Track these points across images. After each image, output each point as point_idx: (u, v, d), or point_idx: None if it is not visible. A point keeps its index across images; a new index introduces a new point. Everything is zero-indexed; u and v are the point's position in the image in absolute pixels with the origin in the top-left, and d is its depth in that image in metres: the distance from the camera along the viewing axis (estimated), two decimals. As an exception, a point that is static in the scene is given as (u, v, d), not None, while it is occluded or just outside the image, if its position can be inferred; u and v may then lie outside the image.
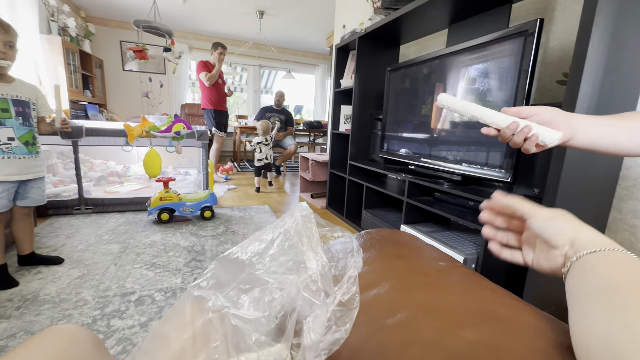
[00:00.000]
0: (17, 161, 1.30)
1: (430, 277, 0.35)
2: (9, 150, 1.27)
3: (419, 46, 2.12)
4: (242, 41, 5.46)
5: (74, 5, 4.28)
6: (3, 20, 1.22)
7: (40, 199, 1.43)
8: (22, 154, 1.31)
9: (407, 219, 1.67)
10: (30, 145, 1.34)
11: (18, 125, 1.30)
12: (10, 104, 1.28)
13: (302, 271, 0.28)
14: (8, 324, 1.08)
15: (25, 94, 1.34)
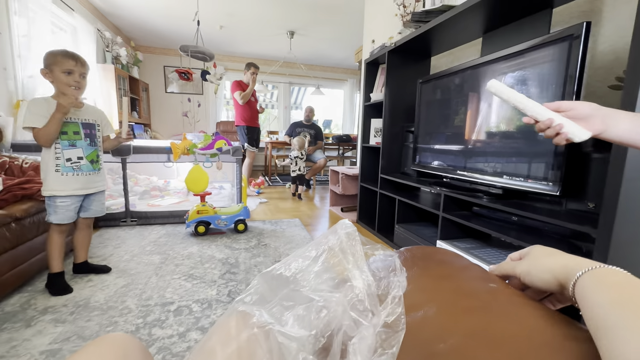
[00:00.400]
0: (84, 177, 1.43)
1: (481, 300, 0.32)
2: (78, 168, 1.40)
3: (451, 57, 2.08)
4: (273, 60, 5.70)
5: (125, 36, 4.75)
6: (79, 55, 1.39)
7: (101, 210, 1.55)
8: (88, 170, 1.43)
9: (443, 234, 1.60)
10: (94, 163, 1.47)
11: (86, 146, 1.43)
12: (80, 127, 1.42)
13: (347, 290, 0.28)
14: (63, 328, 1.16)
15: (92, 117, 1.48)
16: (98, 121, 1.51)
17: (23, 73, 2.48)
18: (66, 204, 1.38)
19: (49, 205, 1.37)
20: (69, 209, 1.40)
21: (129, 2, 3.58)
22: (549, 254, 0.35)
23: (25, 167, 1.59)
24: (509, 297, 0.33)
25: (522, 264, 0.36)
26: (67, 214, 1.39)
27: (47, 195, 1.36)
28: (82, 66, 1.36)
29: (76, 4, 3.33)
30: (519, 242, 1.20)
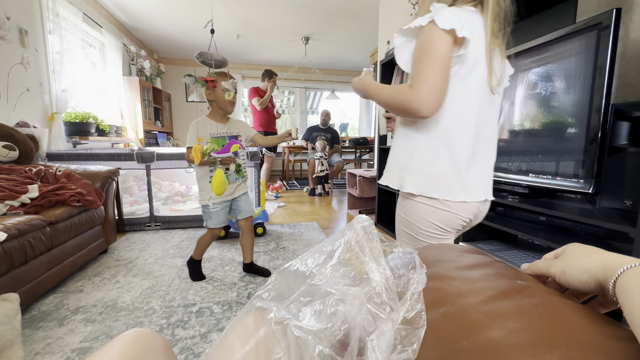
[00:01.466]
0: (231, 185, 1.52)
1: (511, 297, 0.31)
2: (227, 177, 1.47)
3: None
4: (289, 66, 5.78)
5: (149, 49, 4.98)
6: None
7: (250, 210, 1.63)
8: (234, 180, 1.54)
9: (466, 236, 1.55)
10: (239, 172, 1.55)
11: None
12: (227, 140, 1.51)
13: (364, 283, 0.27)
14: (93, 328, 1.21)
15: (236, 130, 1.57)
16: (241, 132, 1.59)
17: (57, 87, 2.65)
18: (217, 210, 1.51)
19: (205, 212, 1.53)
20: (220, 214, 1.53)
21: (152, 16, 3.76)
22: (586, 252, 0.33)
23: (58, 174, 1.69)
24: (543, 296, 0.31)
25: (557, 263, 0.34)
26: (219, 219, 1.53)
27: (204, 205, 1.51)
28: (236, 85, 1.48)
29: (104, 21, 3.53)
30: (548, 243, 1.14)
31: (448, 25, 0.61)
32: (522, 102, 1.35)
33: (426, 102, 0.62)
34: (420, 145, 0.72)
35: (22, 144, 1.75)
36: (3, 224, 1.20)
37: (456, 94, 0.67)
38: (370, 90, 0.77)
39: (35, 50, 2.49)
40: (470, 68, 0.66)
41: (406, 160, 0.75)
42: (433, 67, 0.62)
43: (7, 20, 2.21)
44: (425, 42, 0.64)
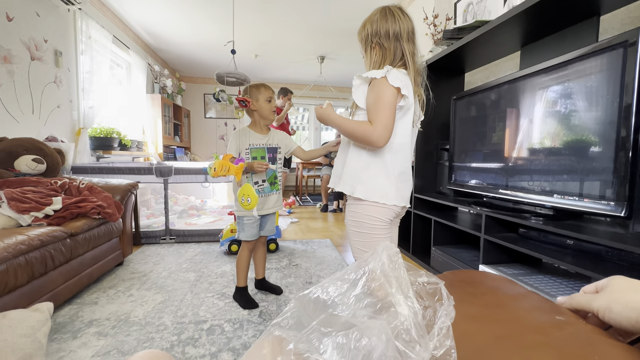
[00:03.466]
0: (265, 198, 1.48)
1: (549, 336, 0.28)
2: (262, 190, 1.47)
3: (486, 72, 2.01)
4: (304, 84, 5.91)
5: (171, 69, 5.22)
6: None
7: (272, 229, 1.57)
8: (268, 192, 1.48)
9: (486, 258, 1.48)
10: (273, 185, 1.50)
11: (268, 170, 1.45)
12: (266, 151, 1.48)
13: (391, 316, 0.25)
14: (105, 342, 1.21)
15: (275, 141, 1.52)
16: (280, 144, 1.54)
17: (85, 104, 2.79)
18: (251, 222, 1.47)
19: (239, 224, 1.48)
20: (253, 227, 1.48)
21: (175, 38, 3.96)
22: (635, 287, 0.30)
23: (81, 187, 1.75)
24: (585, 334, 0.28)
25: (600, 298, 0.31)
26: (252, 232, 1.48)
27: (239, 216, 1.47)
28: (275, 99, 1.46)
29: (131, 42, 3.74)
30: (576, 268, 1.07)
31: (396, 83, 0.86)
32: (542, 121, 1.32)
33: (382, 137, 0.88)
34: (369, 163, 0.97)
35: (50, 158, 1.83)
36: (27, 235, 1.24)
37: (397, 130, 0.93)
38: (333, 121, 0.99)
39: (68, 70, 2.65)
40: (404, 113, 0.94)
41: (358, 173, 0.98)
42: (386, 112, 0.87)
43: (45, 43, 2.38)
44: (380, 92, 0.88)
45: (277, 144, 1.52)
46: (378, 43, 0.98)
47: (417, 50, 0.98)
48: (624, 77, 0.99)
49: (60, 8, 2.53)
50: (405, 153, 0.97)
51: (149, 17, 3.40)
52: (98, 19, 2.98)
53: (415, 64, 0.96)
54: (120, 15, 3.35)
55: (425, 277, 0.33)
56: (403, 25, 0.95)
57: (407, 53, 0.95)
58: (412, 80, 0.93)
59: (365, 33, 1.02)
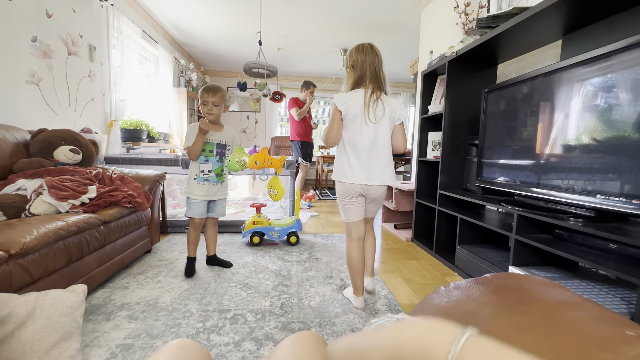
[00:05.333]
0: (210, 186, 1.72)
1: (619, 353, 0.25)
2: (207, 178, 1.70)
3: (522, 63, 1.90)
4: (326, 77, 5.86)
5: (196, 63, 5.33)
6: (213, 85, 1.64)
7: (222, 211, 1.83)
8: (213, 181, 1.72)
9: (517, 259, 1.41)
10: (219, 176, 1.74)
11: (215, 162, 1.71)
12: (215, 146, 1.70)
13: None
14: (135, 325, 1.27)
15: (225, 139, 1.73)
16: (230, 142, 1.76)
17: (116, 97, 2.90)
18: (196, 202, 1.71)
19: (187, 203, 1.73)
20: (199, 206, 1.72)
21: (201, 33, 4.03)
22: None
23: (114, 177, 1.83)
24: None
25: None
26: (197, 210, 1.72)
27: (187, 196, 1.72)
28: (213, 95, 1.61)
29: (159, 37, 3.84)
30: (619, 274, 1.00)
31: (337, 104, 1.37)
32: (586, 115, 1.22)
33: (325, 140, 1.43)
34: (337, 156, 1.47)
35: (85, 148, 1.92)
36: (65, 221, 1.31)
37: (347, 130, 1.40)
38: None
39: (101, 64, 2.76)
40: (351, 120, 1.38)
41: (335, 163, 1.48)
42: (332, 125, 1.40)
43: (80, 38, 2.48)
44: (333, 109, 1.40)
45: (227, 142, 1.74)
46: (350, 66, 1.42)
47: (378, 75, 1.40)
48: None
49: (94, 4, 2.63)
50: (350, 148, 1.40)
51: (176, 12, 3.48)
52: (129, 14, 3.08)
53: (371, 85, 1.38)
54: (149, 10, 3.44)
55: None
56: (369, 55, 1.38)
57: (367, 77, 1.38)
58: (366, 96, 1.36)
59: (346, 60, 1.45)
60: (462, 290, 0.39)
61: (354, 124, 1.38)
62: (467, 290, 0.38)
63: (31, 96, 2.05)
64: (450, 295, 0.38)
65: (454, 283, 0.41)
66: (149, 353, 0.35)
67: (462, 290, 0.39)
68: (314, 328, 1.28)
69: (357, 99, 1.36)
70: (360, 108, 1.35)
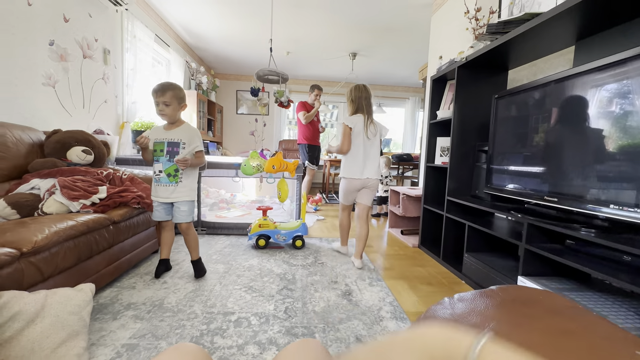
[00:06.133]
0: (163, 187, 1.64)
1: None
2: (158, 179, 1.64)
3: (533, 69, 1.87)
4: (335, 82, 5.88)
5: (207, 66, 5.41)
6: (163, 84, 1.59)
7: (182, 216, 1.69)
8: (165, 182, 1.63)
9: (526, 269, 1.38)
10: (171, 177, 1.63)
11: (165, 161, 1.62)
12: (165, 145, 1.62)
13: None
14: (141, 325, 1.28)
15: (178, 137, 1.63)
16: (185, 140, 1.65)
17: (128, 99, 2.96)
18: (156, 206, 1.69)
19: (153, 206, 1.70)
20: (158, 210, 1.68)
21: (212, 36, 4.09)
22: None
23: (124, 178, 1.86)
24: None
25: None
26: (156, 214, 1.69)
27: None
28: (161, 95, 1.57)
29: (171, 41, 3.92)
30: (632, 287, 0.96)
31: (347, 123, 1.99)
32: (599, 123, 1.19)
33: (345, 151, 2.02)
34: (344, 160, 2.06)
35: (97, 149, 1.96)
36: (76, 221, 1.33)
37: (353, 142, 2.00)
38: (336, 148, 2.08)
39: (114, 67, 2.83)
40: (356, 135, 1.99)
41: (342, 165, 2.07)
42: (345, 139, 1.99)
43: (95, 42, 2.55)
44: (343, 127, 2.00)
45: (180, 140, 1.64)
46: (351, 100, 2.06)
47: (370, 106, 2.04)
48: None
49: (109, 9, 2.70)
50: (356, 154, 2.01)
51: (188, 16, 3.54)
52: (142, 18, 3.15)
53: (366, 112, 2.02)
54: (162, 14, 3.52)
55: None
56: (363, 92, 2.04)
57: (363, 106, 2.02)
58: (365, 119, 2.00)
59: (347, 96, 2.09)
60: (466, 303, 0.38)
61: (358, 138, 2.00)
62: (471, 303, 0.37)
63: (47, 98, 2.11)
64: (454, 307, 0.37)
65: (459, 295, 0.41)
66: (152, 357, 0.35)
67: (466, 303, 0.38)
68: (317, 334, 1.27)
69: (359, 121, 1.99)
70: (362, 127, 1.99)
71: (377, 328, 1.33)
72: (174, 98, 1.60)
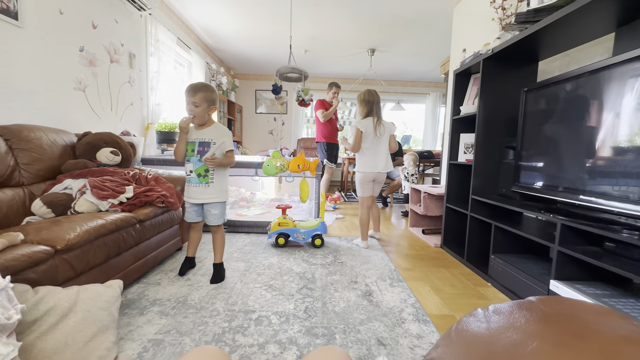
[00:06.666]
0: (194, 188, 1.66)
1: None
2: (189, 180, 1.66)
3: (567, 59, 1.75)
4: (353, 78, 5.81)
5: (227, 67, 5.51)
6: (195, 84, 1.60)
7: (213, 219, 1.71)
8: (195, 183, 1.64)
9: (560, 273, 1.30)
10: (201, 177, 1.64)
11: (196, 161, 1.63)
12: (196, 145, 1.63)
13: None
14: (166, 321, 1.32)
15: (208, 136, 1.64)
16: (215, 139, 1.64)
17: (153, 101, 3.06)
18: (188, 207, 1.72)
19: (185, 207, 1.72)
20: (189, 211, 1.72)
21: (232, 38, 4.15)
22: None
23: (149, 177, 1.92)
24: None
25: None
26: (188, 215, 1.72)
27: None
28: (192, 95, 1.58)
29: (192, 43, 4.01)
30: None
31: (360, 127, 2.33)
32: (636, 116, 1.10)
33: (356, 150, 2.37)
34: (358, 156, 2.42)
35: (124, 150, 2.04)
36: (105, 219, 1.39)
37: (365, 141, 2.35)
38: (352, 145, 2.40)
39: (139, 70, 2.93)
40: (367, 135, 2.33)
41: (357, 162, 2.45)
42: (356, 141, 2.35)
43: (121, 47, 2.65)
44: (356, 130, 2.34)
45: (210, 139, 1.64)
46: (364, 102, 2.36)
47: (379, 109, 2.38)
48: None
49: (134, 14, 2.79)
50: (369, 152, 2.35)
51: (208, 18, 3.61)
52: (165, 22, 3.24)
53: (376, 115, 2.34)
54: (183, 18, 3.61)
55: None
56: (374, 97, 2.35)
57: (374, 110, 2.34)
58: (374, 121, 2.31)
59: (359, 98, 2.37)
60: (503, 317, 0.35)
61: (369, 138, 2.33)
62: (509, 317, 0.35)
63: (78, 102, 2.22)
64: (489, 321, 0.34)
65: (494, 306, 0.38)
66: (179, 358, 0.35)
67: (503, 317, 0.35)
68: (337, 334, 1.26)
69: (369, 124, 2.33)
70: (372, 129, 2.32)
71: (399, 330, 1.30)
72: (204, 100, 1.60)
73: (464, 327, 0.37)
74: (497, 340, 0.31)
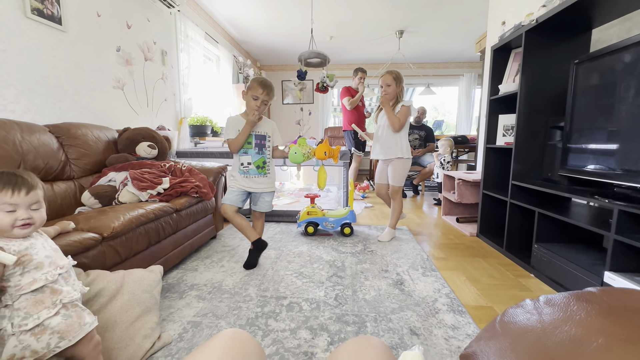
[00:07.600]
0: (250, 179, 1.74)
1: None
2: (247, 171, 1.73)
3: (627, 24, 1.54)
4: (380, 63, 5.62)
5: (253, 59, 5.56)
6: (270, 84, 1.66)
7: (266, 207, 1.83)
8: (254, 174, 1.74)
9: (616, 264, 1.18)
10: (260, 168, 1.74)
11: (254, 154, 1.72)
12: (253, 138, 1.71)
13: None
14: (203, 305, 1.39)
15: (264, 130, 1.75)
16: (269, 133, 1.76)
17: (185, 96, 3.18)
18: (234, 190, 1.75)
19: (227, 191, 1.78)
20: (234, 194, 1.74)
21: (257, 29, 4.17)
22: None
23: (183, 169, 2.01)
24: None
25: None
26: (231, 197, 1.74)
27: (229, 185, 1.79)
28: (267, 94, 1.64)
29: (220, 38, 4.08)
30: None
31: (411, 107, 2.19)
32: None
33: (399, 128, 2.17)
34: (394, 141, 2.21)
35: (160, 144, 2.14)
36: (145, 209, 1.47)
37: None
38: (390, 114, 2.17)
39: (171, 67, 3.04)
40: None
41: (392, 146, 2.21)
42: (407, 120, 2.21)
43: (154, 45, 2.75)
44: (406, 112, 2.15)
45: (266, 133, 1.73)
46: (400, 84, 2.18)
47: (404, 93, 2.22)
48: None
49: (164, 12, 2.89)
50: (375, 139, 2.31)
51: (234, 11, 3.64)
52: (193, 18, 3.32)
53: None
54: (210, 12, 3.67)
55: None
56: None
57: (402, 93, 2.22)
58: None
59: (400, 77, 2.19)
60: (558, 308, 0.31)
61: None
62: (565, 309, 0.31)
63: (117, 99, 2.35)
64: (541, 313, 0.31)
65: (545, 297, 0.34)
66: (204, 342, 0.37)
67: (558, 308, 0.31)
68: (368, 322, 1.25)
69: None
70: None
71: (432, 320, 1.26)
72: (270, 101, 1.69)
73: (511, 319, 0.33)
74: (552, 335, 0.27)
